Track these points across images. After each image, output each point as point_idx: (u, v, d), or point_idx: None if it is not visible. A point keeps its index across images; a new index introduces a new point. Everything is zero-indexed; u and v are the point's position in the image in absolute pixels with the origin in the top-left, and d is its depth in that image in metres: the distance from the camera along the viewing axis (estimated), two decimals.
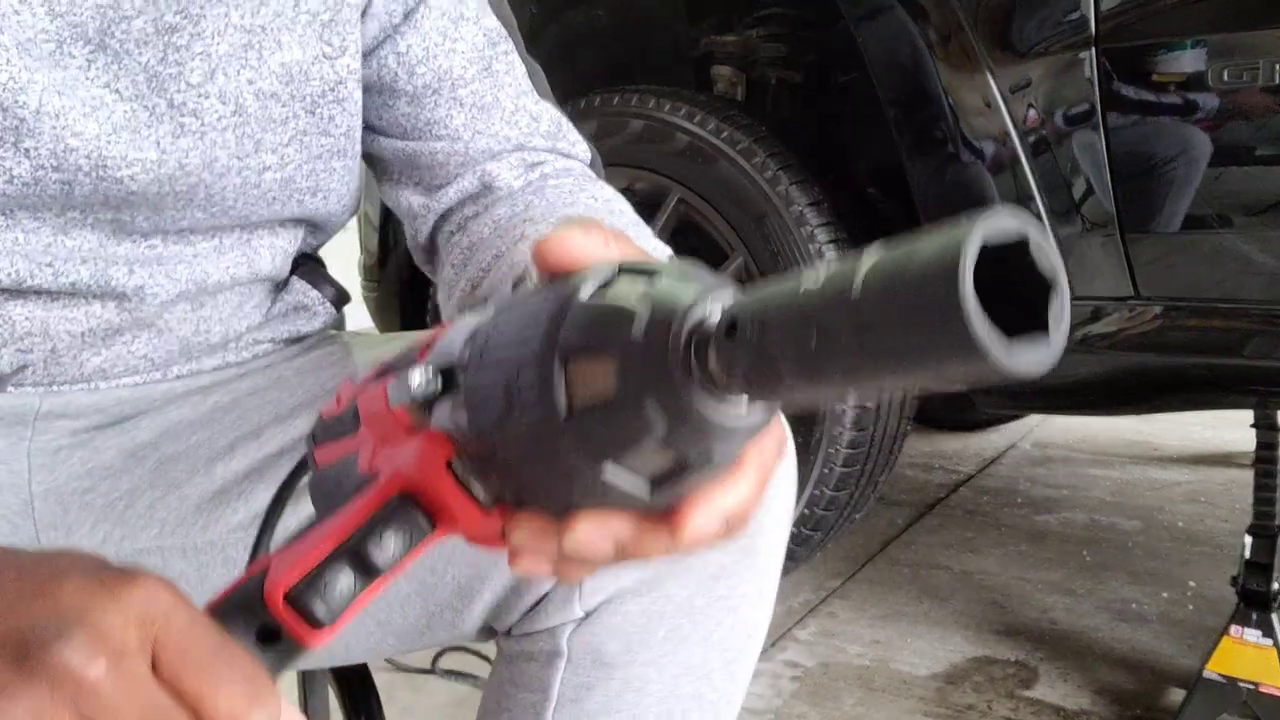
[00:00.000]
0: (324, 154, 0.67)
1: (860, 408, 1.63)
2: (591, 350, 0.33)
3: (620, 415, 0.32)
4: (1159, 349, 1.42)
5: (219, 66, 0.60)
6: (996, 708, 1.59)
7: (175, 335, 0.68)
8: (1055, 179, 1.41)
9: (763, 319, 0.29)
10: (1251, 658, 1.38)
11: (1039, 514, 2.48)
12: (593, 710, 0.63)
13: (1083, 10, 1.35)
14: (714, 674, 0.65)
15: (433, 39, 0.69)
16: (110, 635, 0.34)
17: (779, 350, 0.29)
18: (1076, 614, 1.92)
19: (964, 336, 0.24)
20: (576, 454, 0.34)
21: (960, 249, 0.25)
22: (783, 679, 1.70)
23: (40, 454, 0.68)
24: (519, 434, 0.35)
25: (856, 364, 0.27)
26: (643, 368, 0.32)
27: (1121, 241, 1.39)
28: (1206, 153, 1.34)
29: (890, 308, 0.26)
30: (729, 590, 0.62)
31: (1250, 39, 1.28)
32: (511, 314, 0.37)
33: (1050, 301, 0.26)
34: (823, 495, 1.66)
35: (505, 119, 0.72)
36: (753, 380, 0.30)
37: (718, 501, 0.36)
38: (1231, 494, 2.57)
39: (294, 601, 0.38)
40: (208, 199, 0.63)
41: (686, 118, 1.70)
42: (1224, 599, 1.78)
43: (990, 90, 1.42)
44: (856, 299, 0.27)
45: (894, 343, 0.26)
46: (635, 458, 0.34)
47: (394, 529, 0.39)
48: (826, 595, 2.03)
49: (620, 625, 0.62)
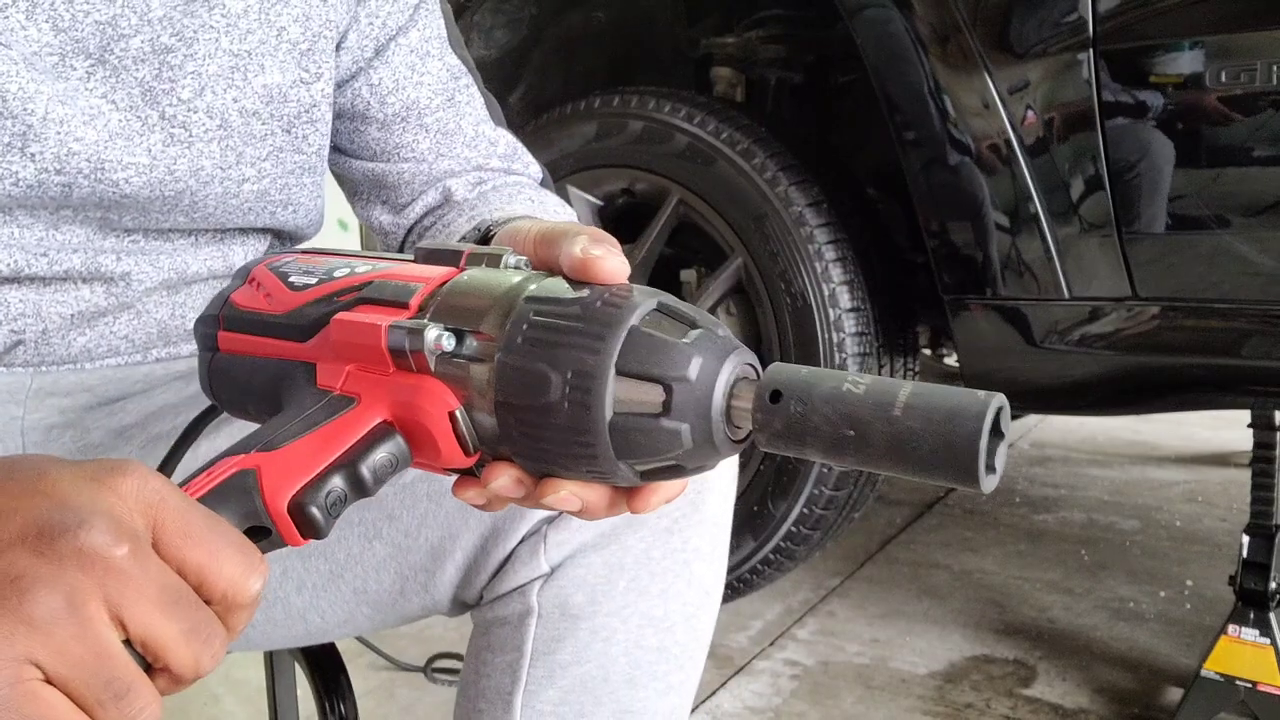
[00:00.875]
0: (296, 170, 0.74)
1: None
2: (647, 374, 0.39)
3: (655, 433, 0.39)
4: (1157, 349, 1.42)
5: (208, 85, 0.67)
6: (995, 706, 1.60)
7: (154, 318, 0.74)
8: (1053, 179, 1.42)
9: (807, 399, 0.37)
10: (1249, 656, 1.38)
11: (1037, 513, 2.48)
12: (564, 661, 0.67)
13: (1081, 11, 1.35)
14: (676, 627, 0.68)
15: (402, 72, 0.77)
16: (124, 521, 0.37)
17: (815, 430, 0.37)
18: (1075, 613, 1.92)
19: (971, 466, 0.35)
20: (603, 450, 0.40)
21: (988, 403, 0.35)
22: (782, 677, 1.70)
23: (33, 431, 0.73)
24: (552, 420, 0.40)
25: (876, 460, 0.36)
26: (687, 402, 0.39)
27: (1119, 242, 1.39)
28: (1204, 154, 1.35)
29: (924, 430, 0.35)
30: (682, 544, 0.67)
31: (1248, 40, 1.29)
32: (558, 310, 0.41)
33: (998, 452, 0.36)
34: (822, 494, 1.67)
35: (466, 143, 0.81)
36: (777, 440, 0.38)
37: (666, 490, 0.45)
38: (1229, 493, 2.58)
39: (295, 510, 0.41)
40: (191, 205, 0.70)
41: (686, 119, 1.71)
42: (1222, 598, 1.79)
43: (989, 91, 1.42)
44: (898, 415, 0.35)
45: (916, 455, 0.35)
46: (649, 464, 0.41)
47: (383, 453, 0.43)
48: (826, 594, 2.03)
49: (584, 577, 0.66)
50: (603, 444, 0.40)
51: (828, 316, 1.61)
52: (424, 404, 0.43)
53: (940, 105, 1.47)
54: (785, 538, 1.70)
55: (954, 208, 1.49)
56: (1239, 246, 1.33)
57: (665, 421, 0.39)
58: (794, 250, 1.62)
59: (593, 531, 0.66)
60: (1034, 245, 1.44)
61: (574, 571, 0.66)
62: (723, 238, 1.70)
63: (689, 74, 2.19)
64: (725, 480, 0.69)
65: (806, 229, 1.62)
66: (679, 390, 0.39)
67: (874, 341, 1.64)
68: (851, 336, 1.61)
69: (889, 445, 0.35)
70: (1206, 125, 1.33)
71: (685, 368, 0.39)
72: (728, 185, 1.67)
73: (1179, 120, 1.34)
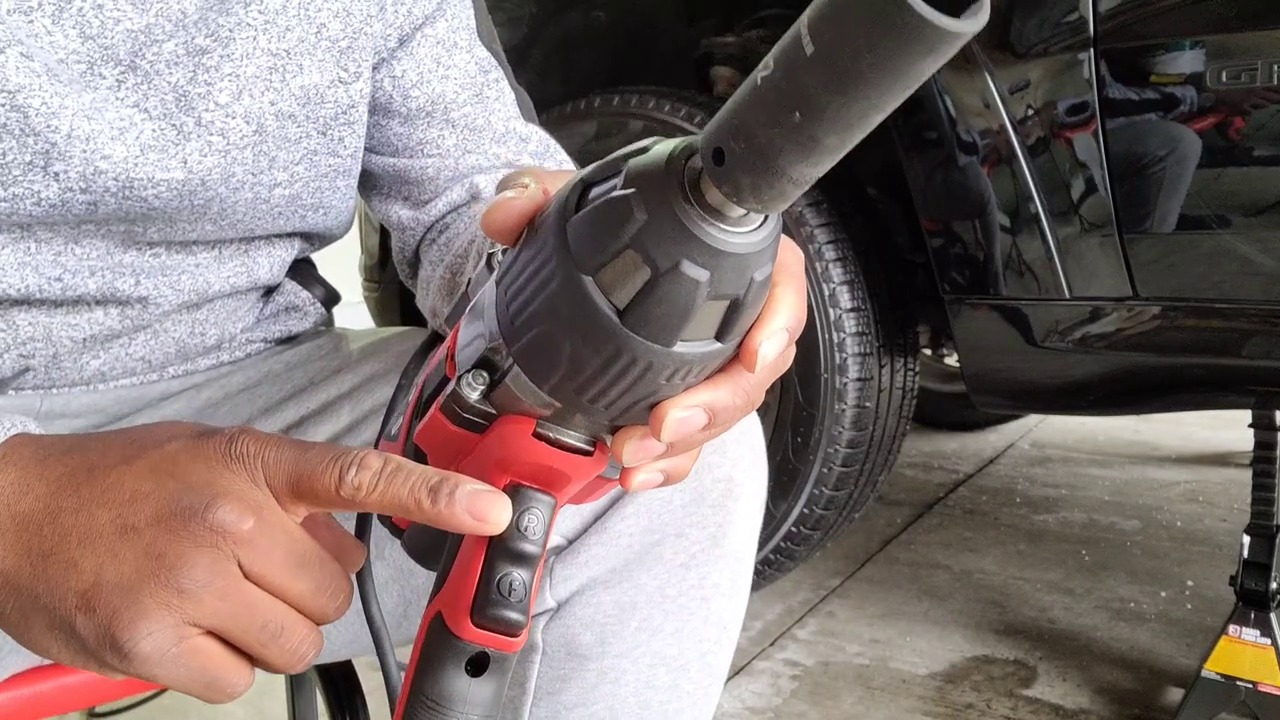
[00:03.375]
0: (330, 173, 0.69)
1: (860, 408, 1.64)
2: (608, 251, 0.34)
3: (665, 289, 0.33)
4: (1157, 349, 1.42)
5: (245, 87, 0.62)
6: (995, 706, 1.60)
7: (172, 338, 0.71)
8: (1054, 179, 1.42)
9: (741, 130, 0.30)
10: (1250, 657, 1.38)
11: (1038, 514, 2.48)
12: (569, 703, 0.64)
13: (1081, 11, 1.35)
14: (690, 666, 0.65)
15: (427, 65, 0.72)
16: (246, 495, 0.41)
17: (770, 145, 0.30)
18: (1075, 613, 1.92)
19: (918, 21, 0.25)
20: (646, 347, 0.35)
21: None
22: (782, 678, 1.70)
23: None
24: (588, 362, 0.36)
25: (840, 109, 0.28)
26: (661, 239, 0.33)
27: (1120, 242, 1.39)
28: (1205, 153, 1.35)
29: (846, 38, 0.27)
30: (700, 579, 0.63)
31: (1248, 40, 1.29)
32: (518, 276, 0.38)
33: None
34: (822, 495, 1.67)
35: (496, 139, 0.75)
36: (760, 189, 0.31)
37: (774, 324, 0.37)
38: (1229, 494, 2.57)
39: (483, 623, 0.41)
40: (220, 213, 0.65)
41: (686, 118, 1.71)
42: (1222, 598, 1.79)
43: (989, 91, 1.42)
44: (813, 52, 0.27)
45: (863, 66, 0.27)
46: (693, 320, 0.35)
47: (525, 514, 0.41)
48: (826, 594, 2.03)
49: (593, 616, 0.63)
50: (636, 345, 0.35)
51: (828, 316, 1.61)
52: (513, 445, 0.40)
53: (941, 105, 1.47)
54: (785, 538, 1.70)
55: (954, 207, 1.49)
56: (1240, 246, 1.33)
57: (658, 271, 0.33)
58: None
59: (603, 567, 0.62)
60: (1034, 245, 1.44)
61: (582, 610, 0.63)
62: None
63: (689, 73, 2.19)
64: (749, 513, 0.65)
65: (806, 229, 1.62)
66: (640, 237, 0.33)
67: (874, 341, 1.64)
68: (851, 336, 1.61)
69: (836, 86, 0.28)
70: (1207, 125, 1.33)
71: (631, 213, 0.33)
72: None
73: (1179, 120, 1.34)
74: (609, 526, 0.62)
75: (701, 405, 0.38)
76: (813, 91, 0.28)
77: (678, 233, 0.33)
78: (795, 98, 0.28)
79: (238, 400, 0.74)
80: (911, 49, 0.26)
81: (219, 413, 0.73)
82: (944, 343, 2.41)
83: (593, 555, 0.62)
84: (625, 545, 0.61)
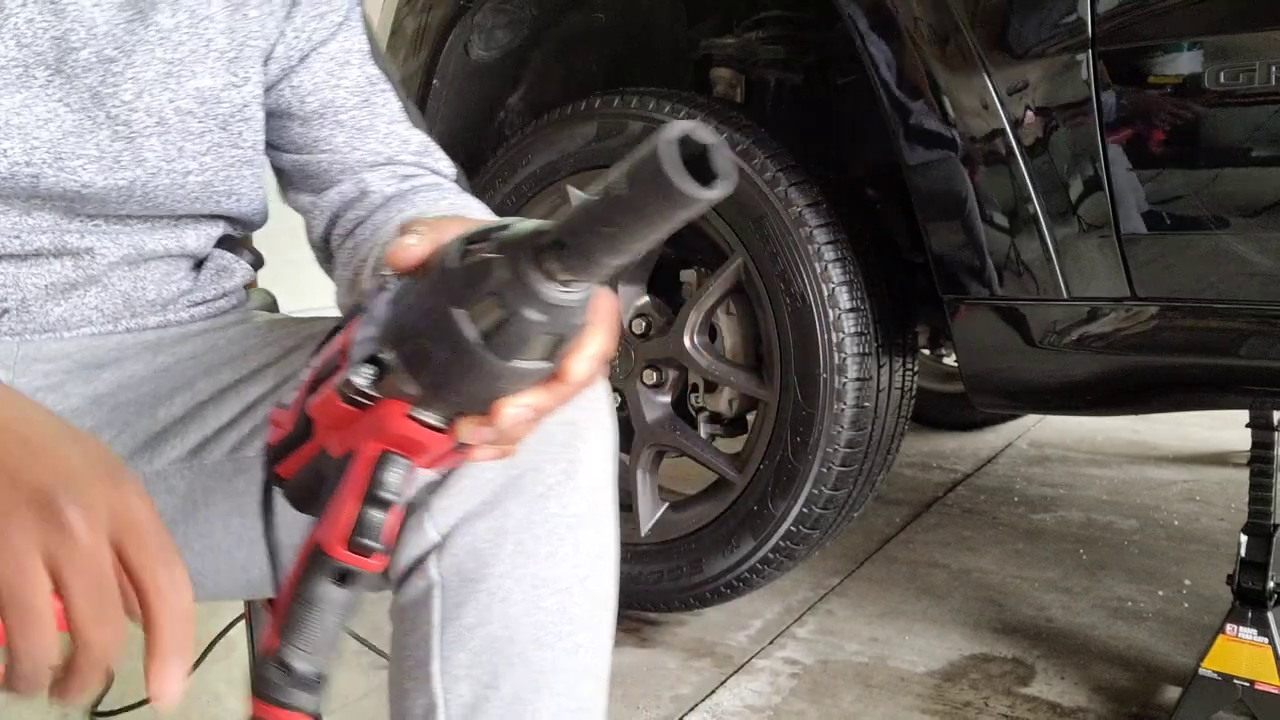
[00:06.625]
0: (236, 163, 0.86)
1: (859, 408, 1.64)
2: (477, 295, 0.48)
3: (513, 326, 0.48)
4: (1155, 349, 1.43)
5: (145, 88, 0.79)
6: (994, 705, 1.60)
7: (119, 290, 0.85)
8: (1052, 180, 1.42)
9: (574, 231, 0.45)
10: (1247, 655, 1.39)
11: (1036, 513, 2.49)
12: (470, 624, 0.72)
13: (1080, 12, 1.35)
14: (572, 589, 0.73)
15: (320, 77, 0.89)
16: (101, 514, 0.49)
17: (590, 244, 0.45)
18: (1073, 612, 1.93)
19: (679, 191, 0.40)
20: (495, 363, 0.49)
21: (659, 142, 0.40)
22: (781, 676, 1.71)
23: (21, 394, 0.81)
24: (453, 369, 0.50)
25: (633, 231, 0.43)
26: (515, 292, 0.47)
27: (1118, 242, 1.40)
28: (1203, 154, 1.35)
29: (640, 191, 0.41)
30: (560, 508, 0.73)
31: (1247, 41, 1.29)
32: (408, 300, 0.52)
33: (718, 160, 0.41)
34: (821, 494, 1.67)
35: (379, 139, 0.91)
36: (582, 269, 0.46)
37: (586, 351, 0.53)
38: (1227, 493, 2.58)
39: (355, 549, 0.56)
40: (144, 195, 0.81)
41: (686, 120, 1.71)
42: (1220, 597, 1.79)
43: (987, 92, 1.43)
44: (620, 194, 0.42)
45: (649, 210, 0.42)
46: (529, 347, 0.50)
47: (391, 473, 0.55)
48: (825, 593, 2.04)
49: (473, 544, 0.72)
50: (488, 361, 0.49)
51: (827, 316, 1.62)
52: (391, 422, 0.54)
53: (939, 106, 1.47)
54: (785, 537, 1.70)
55: (953, 208, 1.50)
56: (1237, 247, 1.33)
57: (509, 313, 0.48)
58: (793, 250, 1.63)
59: (475, 499, 0.72)
60: (1033, 245, 1.45)
61: (463, 539, 0.72)
62: (723, 238, 1.71)
63: (689, 75, 2.20)
64: (596, 452, 0.75)
65: (806, 229, 1.62)
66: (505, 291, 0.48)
67: (873, 341, 1.65)
68: (851, 336, 1.62)
69: (634, 218, 0.42)
70: (1205, 126, 1.34)
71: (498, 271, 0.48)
72: None
73: (1178, 121, 1.35)
74: (474, 467, 0.72)
75: (529, 405, 0.53)
76: (618, 218, 0.43)
77: (526, 289, 0.47)
78: (608, 220, 0.43)
79: (185, 365, 0.88)
80: (676, 205, 0.41)
81: (169, 374, 0.87)
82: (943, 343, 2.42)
83: (463, 489, 0.72)
84: (489, 480, 0.72)
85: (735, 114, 1.72)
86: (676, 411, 1.87)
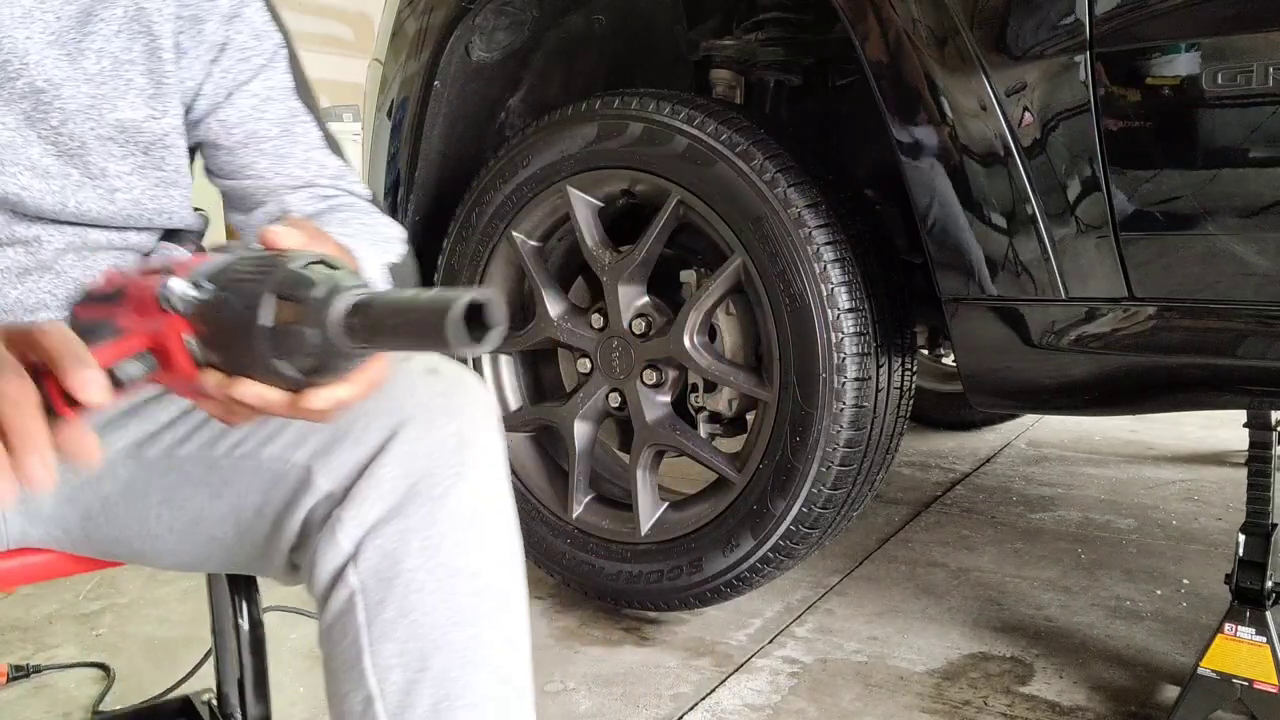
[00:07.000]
0: (161, 184, 0.96)
1: (858, 407, 1.65)
2: (292, 296, 0.59)
3: (296, 335, 0.59)
4: (1153, 349, 1.43)
5: (70, 117, 0.90)
6: (993, 703, 1.61)
7: (70, 277, 0.94)
8: (1050, 180, 1.43)
9: (371, 312, 0.57)
10: (1245, 654, 1.40)
11: (1034, 512, 2.50)
12: (391, 617, 0.78)
13: (1078, 14, 1.36)
14: (483, 573, 0.80)
15: (245, 110, 1.00)
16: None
17: (380, 328, 0.57)
18: (1071, 611, 1.93)
19: (456, 339, 0.52)
20: (265, 348, 0.61)
21: (455, 299, 0.53)
22: (781, 675, 1.71)
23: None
24: (238, 331, 0.61)
25: (409, 340, 0.57)
26: (316, 315, 0.58)
27: (1116, 243, 1.40)
28: (1201, 155, 1.36)
29: (433, 317, 0.53)
30: (457, 505, 0.79)
31: (1245, 42, 1.30)
32: (250, 266, 0.63)
33: (490, 315, 0.54)
34: (820, 493, 1.68)
35: (298, 164, 1.03)
36: (365, 338, 0.58)
37: (328, 393, 0.64)
38: (1225, 492, 2.59)
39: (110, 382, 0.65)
40: (78, 207, 0.92)
41: (686, 120, 1.72)
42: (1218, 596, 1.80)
43: (986, 93, 1.43)
44: (403, 320, 0.56)
45: (432, 333, 0.53)
46: (295, 359, 0.61)
47: (138, 362, 0.65)
48: (824, 592, 2.04)
49: (384, 546, 0.78)
50: (263, 343, 0.60)
51: (826, 316, 1.62)
52: (170, 332, 0.64)
53: (938, 107, 1.48)
54: (784, 536, 1.71)
55: (951, 209, 1.50)
56: (1235, 247, 1.34)
57: (301, 324, 0.59)
58: (793, 251, 1.63)
59: (380, 508, 0.79)
60: (1031, 246, 1.45)
61: (374, 544, 0.78)
62: (722, 239, 1.71)
63: (689, 76, 2.20)
64: (484, 456, 0.81)
65: (805, 230, 1.63)
66: (309, 306, 0.58)
67: (872, 341, 1.65)
68: (850, 336, 1.62)
69: (416, 330, 0.55)
70: (1203, 127, 1.34)
71: (316, 291, 0.59)
72: (727, 187, 1.68)
73: (1176, 122, 1.35)
74: (374, 474, 0.79)
75: (262, 396, 0.63)
76: (404, 327, 0.56)
77: (322, 318, 0.58)
78: (401, 324, 0.56)
79: None
80: (453, 344, 0.53)
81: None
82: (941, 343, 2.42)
83: (367, 500, 0.79)
84: (390, 489, 0.79)
85: (735, 115, 1.73)
86: (676, 411, 1.87)
